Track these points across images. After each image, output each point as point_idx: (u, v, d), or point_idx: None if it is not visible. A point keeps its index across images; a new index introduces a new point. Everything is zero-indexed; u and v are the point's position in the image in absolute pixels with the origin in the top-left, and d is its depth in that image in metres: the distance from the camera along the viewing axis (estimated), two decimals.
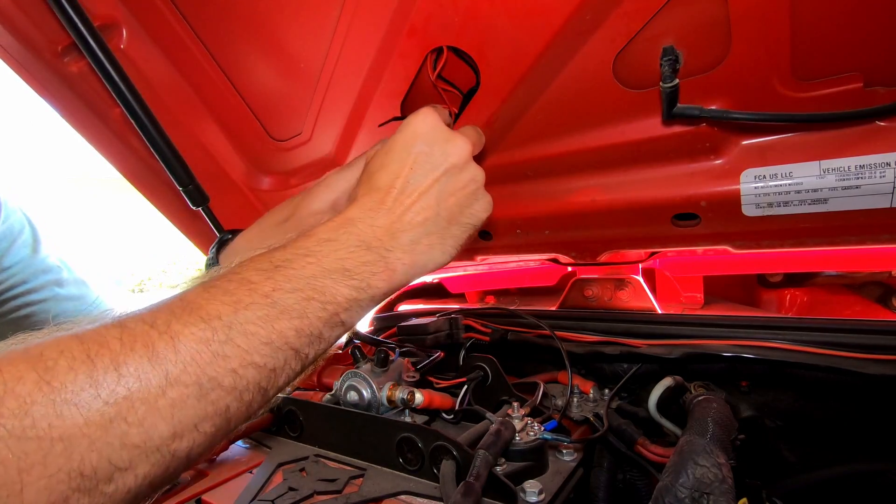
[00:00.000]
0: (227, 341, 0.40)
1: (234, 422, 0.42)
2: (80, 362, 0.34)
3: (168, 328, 0.38)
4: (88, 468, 0.33)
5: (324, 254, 0.49)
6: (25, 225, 0.99)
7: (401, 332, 1.01)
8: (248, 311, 0.42)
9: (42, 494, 0.32)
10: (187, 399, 0.38)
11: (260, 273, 0.45)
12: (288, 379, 0.45)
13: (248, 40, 0.81)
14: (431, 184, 0.57)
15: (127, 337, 0.37)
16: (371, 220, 0.54)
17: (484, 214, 0.62)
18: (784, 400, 0.74)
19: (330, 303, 0.47)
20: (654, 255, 1.04)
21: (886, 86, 0.55)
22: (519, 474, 0.61)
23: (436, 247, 0.57)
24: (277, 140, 0.96)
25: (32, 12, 0.71)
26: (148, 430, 0.36)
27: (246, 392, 0.41)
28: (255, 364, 0.41)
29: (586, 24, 0.59)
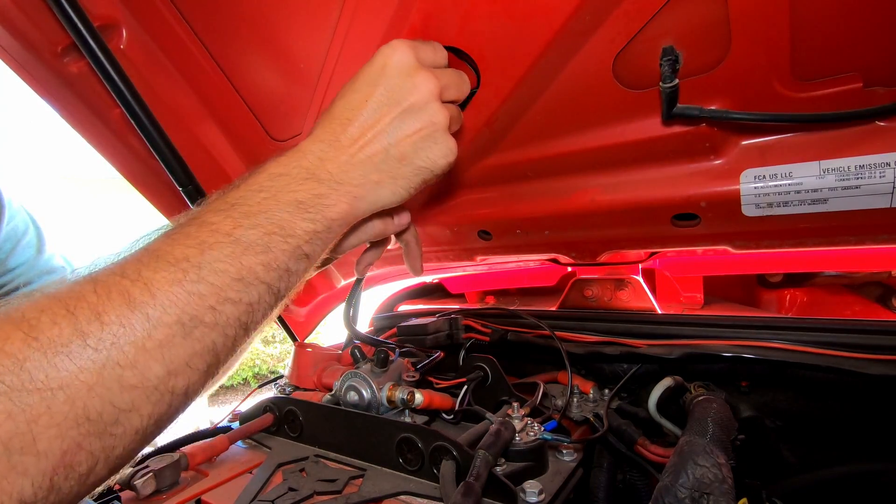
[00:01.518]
0: (199, 280, 0.42)
1: (222, 357, 0.44)
2: (61, 317, 0.36)
3: (139, 276, 0.40)
4: (94, 412, 0.35)
5: (276, 188, 0.50)
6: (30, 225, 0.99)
7: (401, 332, 1.01)
8: (213, 251, 0.43)
9: (55, 442, 0.34)
10: (173, 338, 0.40)
11: (218, 213, 0.46)
12: (265, 313, 0.48)
13: (247, 40, 0.80)
14: (388, 121, 0.55)
15: (101, 289, 0.39)
16: (322, 152, 0.54)
17: (442, 161, 0.59)
18: (784, 400, 0.74)
19: (290, 236, 0.48)
20: (654, 255, 1.04)
21: (886, 86, 0.55)
22: (519, 474, 0.61)
23: (385, 184, 0.57)
24: (277, 140, 0.96)
25: (32, 12, 0.71)
26: (142, 370, 0.38)
27: (228, 327, 0.43)
28: (230, 300, 0.43)
29: (586, 24, 0.59)
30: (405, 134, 0.56)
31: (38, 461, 0.33)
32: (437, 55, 0.61)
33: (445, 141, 0.58)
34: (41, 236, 1.00)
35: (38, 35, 0.73)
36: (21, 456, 0.32)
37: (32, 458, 0.33)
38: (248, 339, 0.47)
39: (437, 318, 1.02)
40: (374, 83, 0.56)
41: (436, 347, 0.96)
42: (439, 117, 0.57)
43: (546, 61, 0.64)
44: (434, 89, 0.57)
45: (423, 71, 0.56)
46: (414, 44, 0.57)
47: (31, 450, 0.33)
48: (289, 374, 1.05)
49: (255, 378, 7.32)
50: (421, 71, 0.56)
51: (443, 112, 0.57)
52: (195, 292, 0.41)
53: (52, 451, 0.33)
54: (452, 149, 0.59)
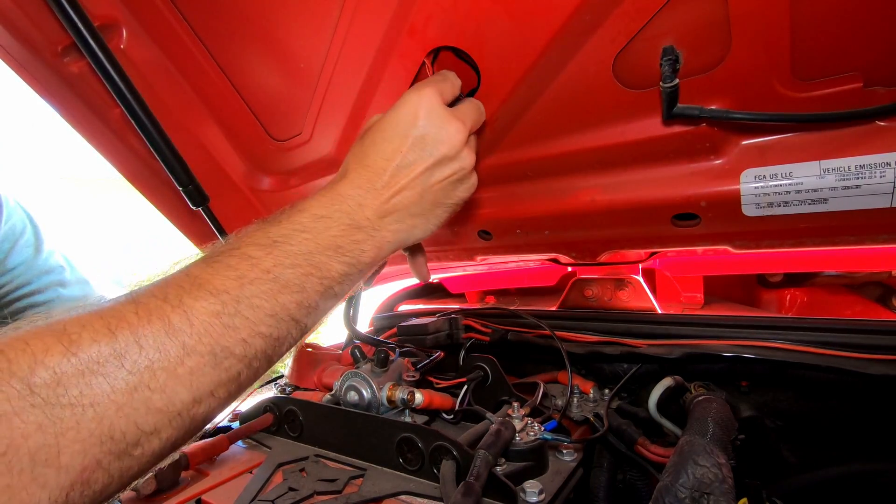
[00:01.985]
0: (237, 314, 0.43)
1: (244, 387, 0.46)
2: (101, 335, 0.37)
3: (180, 302, 0.41)
4: (118, 432, 0.36)
5: (318, 231, 0.52)
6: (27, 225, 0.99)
7: (401, 332, 1.01)
8: (252, 286, 0.45)
9: (77, 457, 0.34)
10: (204, 367, 0.41)
11: (259, 248, 0.48)
12: (289, 346, 0.50)
13: (248, 40, 0.80)
14: (422, 171, 0.58)
15: (143, 311, 0.40)
16: (361, 198, 0.56)
17: (466, 195, 0.64)
18: (784, 400, 0.74)
19: (326, 277, 0.51)
20: (654, 255, 1.04)
21: (886, 86, 0.55)
22: (519, 474, 0.61)
23: (419, 226, 0.61)
24: (277, 140, 0.96)
25: (32, 12, 0.71)
26: (170, 396, 0.39)
27: (255, 360, 0.45)
28: (262, 334, 0.45)
29: (586, 24, 0.59)
30: (437, 180, 0.60)
31: (58, 475, 0.33)
32: (455, 87, 0.64)
33: (470, 178, 0.63)
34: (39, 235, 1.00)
35: (38, 35, 0.73)
36: (44, 468, 0.33)
37: (54, 472, 0.33)
38: (267, 368, 0.48)
39: (437, 317, 1.02)
40: (405, 134, 0.58)
41: (436, 347, 0.96)
42: (468, 162, 0.61)
43: (546, 61, 0.64)
44: (464, 139, 0.60)
45: (454, 122, 0.59)
46: (439, 87, 0.60)
47: (55, 462, 0.33)
48: (289, 373, 1.05)
49: None
50: (452, 122, 0.59)
51: (471, 157, 0.62)
52: (231, 325, 0.43)
53: (73, 466, 0.34)
54: (475, 183, 0.64)
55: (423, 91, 0.59)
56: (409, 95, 0.59)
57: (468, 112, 0.63)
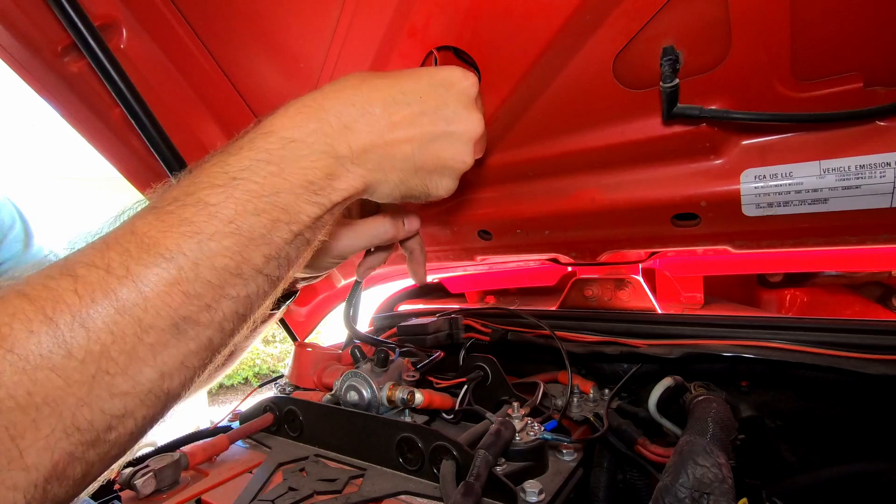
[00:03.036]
0: (196, 279, 0.37)
1: (219, 349, 0.41)
2: (38, 324, 0.32)
3: (127, 271, 0.35)
4: (84, 422, 0.33)
5: (287, 160, 0.43)
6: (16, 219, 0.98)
7: (401, 332, 1.01)
8: (212, 243, 0.38)
9: (44, 455, 0.31)
10: (167, 341, 0.36)
11: (217, 191, 0.40)
12: (261, 301, 0.44)
13: (248, 40, 0.80)
14: (431, 131, 0.52)
15: (83, 288, 0.34)
16: (350, 118, 0.47)
17: (443, 193, 0.57)
18: (784, 400, 0.74)
19: (295, 222, 0.43)
20: (654, 255, 1.04)
21: (886, 86, 0.55)
22: (519, 474, 0.61)
23: (389, 182, 0.52)
24: None
25: (32, 12, 0.71)
26: (134, 376, 0.35)
27: (225, 322, 0.40)
28: (228, 296, 0.39)
29: (586, 24, 0.59)
30: (436, 153, 0.53)
31: (27, 475, 0.31)
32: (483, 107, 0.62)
33: (455, 180, 0.58)
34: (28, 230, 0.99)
35: (38, 35, 0.73)
36: (9, 472, 0.30)
37: (22, 473, 0.31)
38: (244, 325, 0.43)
39: (437, 317, 1.02)
40: (436, 91, 0.53)
41: (436, 347, 0.96)
42: (469, 159, 0.56)
43: (546, 61, 0.64)
44: (479, 133, 0.56)
45: (479, 113, 0.56)
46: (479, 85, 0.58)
47: (19, 464, 0.31)
48: (289, 373, 1.05)
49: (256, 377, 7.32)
50: (478, 111, 0.56)
51: (472, 156, 0.57)
52: (191, 292, 0.37)
53: (41, 463, 0.31)
54: (454, 188, 0.58)
55: (468, 73, 0.55)
56: (453, 68, 0.54)
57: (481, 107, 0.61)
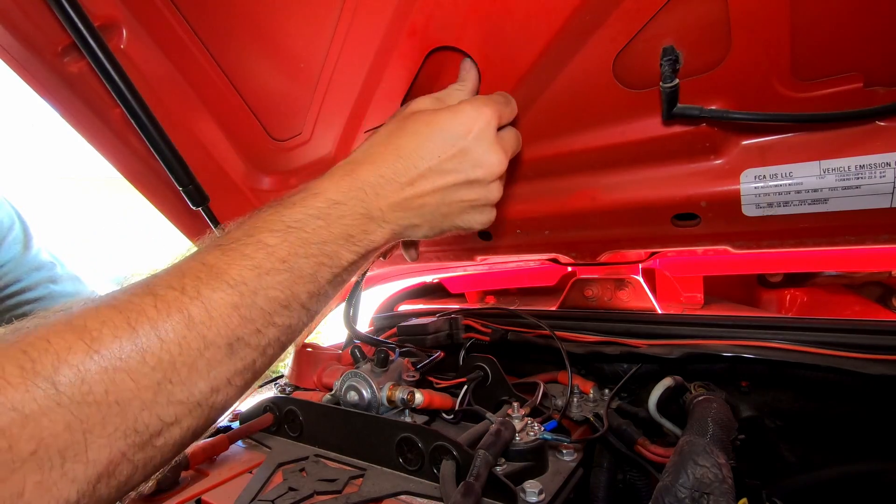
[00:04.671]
0: (253, 305, 0.44)
1: (259, 373, 0.47)
2: (122, 330, 0.37)
3: (198, 294, 0.41)
4: (142, 425, 0.37)
5: (332, 218, 0.52)
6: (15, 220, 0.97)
7: (401, 332, 1.01)
8: (269, 277, 0.45)
9: (103, 451, 0.35)
10: (221, 358, 0.42)
11: (274, 235, 0.48)
12: (299, 332, 0.50)
13: (248, 40, 0.80)
14: (451, 184, 0.58)
15: (161, 304, 0.40)
16: (380, 188, 0.55)
17: (479, 226, 0.63)
18: (784, 400, 0.74)
19: (336, 266, 0.52)
20: (654, 255, 1.04)
21: (886, 86, 0.55)
22: (519, 474, 0.61)
23: (422, 229, 0.60)
24: (277, 140, 0.96)
25: (32, 12, 0.71)
26: (190, 388, 0.40)
27: (268, 347, 0.46)
28: (275, 324, 0.46)
29: (586, 24, 0.59)
30: (460, 199, 0.59)
31: (86, 469, 0.34)
32: (512, 113, 0.64)
33: (490, 213, 0.63)
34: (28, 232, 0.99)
35: (38, 35, 0.73)
36: (73, 464, 0.34)
37: (82, 467, 0.34)
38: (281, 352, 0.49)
39: (437, 317, 1.02)
40: (454, 144, 0.57)
41: (436, 347, 0.96)
42: (495, 195, 0.61)
43: (546, 61, 0.64)
44: (502, 171, 0.60)
45: (499, 151, 0.59)
46: (499, 110, 0.60)
47: (83, 458, 0.34)
48: (289, 373, 1.05)
49: None
50: (498, 151, 0.59)
51: (499, 191, 0.61)
52: (247, 317, 0.43)
53: (100, 459, 0.35)
54: (493, 217, 0.63)
55: (483, 109, 0.58)
56: (469, 107, 0.58)
57: (511, 142, 0.63)
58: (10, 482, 0.31)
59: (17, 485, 0.31)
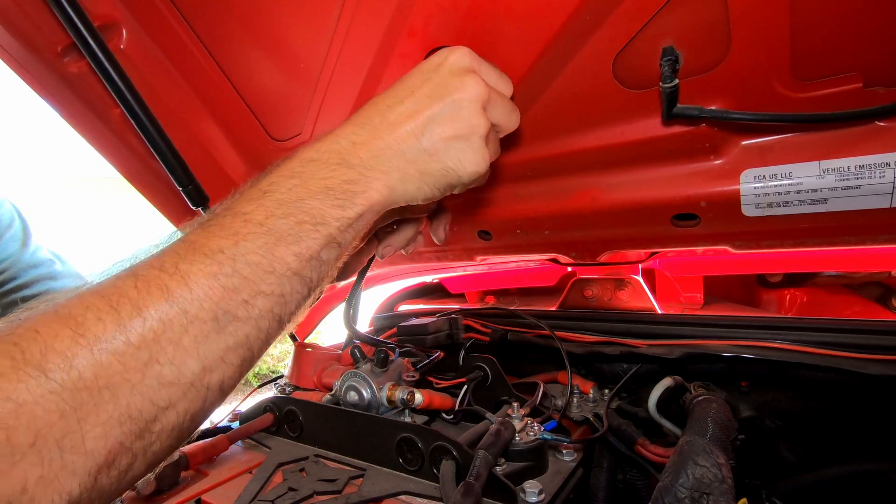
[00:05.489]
0: (234, 274, 0.42)
1: (256, 350, 0.44)
2: (105, 313, 0.37)
3: (177, 269, 0.40)
4: (135, 410, 0.36)
5: (307, 174, 0.49)
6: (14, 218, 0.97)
7: (401, 332, 1.01)
8: (247, 242, 0.43)
9: (100, 441, 0.34)
10: (208, 333, 0.40)
11: (251, 202, 0.46)
12: (298, 304, 0.47)
13: (248, 40, 0.80)
14: (428, 112, 0.53)
15: (141, 283, 0.39)
16: (355, 135, 0.52)
17: (471, 167, 0.55)
18: (784, 400, 0.74)
19: (321, 224, 0.48)
20: (654, 255, 1.04)
21: (886, 86, 0.55)
22: (519, 474, 0.61)
23: (412, 177, 0.54)
24: (277, 140, 0.96)
25: (32, 12, 0.71)
26: (179, 367, 0.38)
27: (261, 320, 0.43)
28: (263, 293, 0.43)
29: (586, 24, 0.59)
30: (440, 128, 0.54)
31: (85, 460, 0.34)
32: (500, 81, 0.60)
33: (479, 149, 0.56)
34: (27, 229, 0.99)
35: (38, 35, 0.73)
36: (72, 455, 0.33)
37: (81, 458, 0.33)
38: (282, 331, 0.47)
39: (437, 317, 1.02)
40: (426, 78, 0.55)
41: (436, 347, 0.96)
42: (478, 121, 0.55)
43: (546, 61, 0.64)
44: (482, 94, 0.55)
45: (475, 75, 0.55)
46: (478, 57, 0.57)
47: (81, 449, 0.33)
48: (289, 373, 1.05)
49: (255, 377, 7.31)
50: (473, 74, 0.55)
51: (483, 118, 0.55)
52: (229, 286, 0.41)
53: (98, 450, 0.34)
54: (485, 158, 0.56)
55: (458, 47, 0.56)
56: (442, 50, 0.56)
57: (489, 73, 0.59)
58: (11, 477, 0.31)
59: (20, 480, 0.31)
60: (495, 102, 0.57)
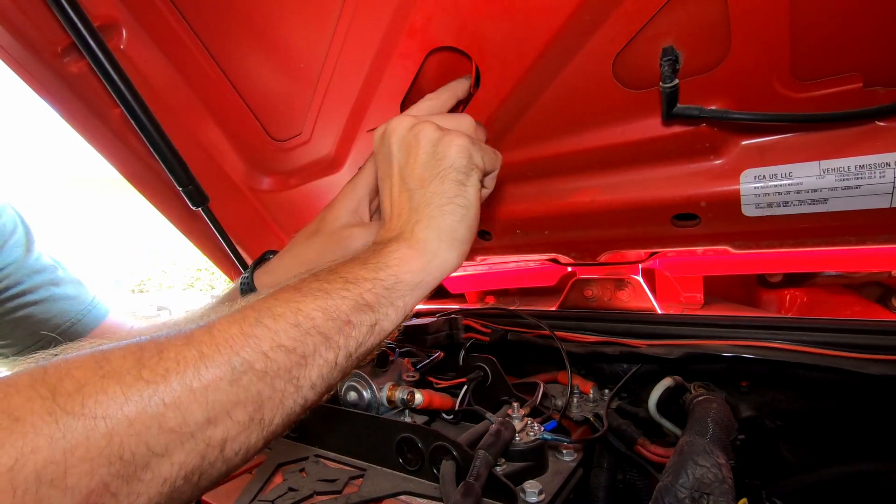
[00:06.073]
0: (257, 323, 0.41)
1: (266, 413, 0.41)
2: (131, 352, 0.37)
3: (207, 324, 0.41)
4: (127, 452, 0.34)
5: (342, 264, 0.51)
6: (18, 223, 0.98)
7: (400, 332, 1.00)
8: (275, 299, 0.44)
9: (84, 479, 0.32)
10: (220, 382, 0.38)
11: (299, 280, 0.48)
12: (320, 370, 0.45)
13: (248, 40, 0.80)
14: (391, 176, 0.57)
15: (173, 331, 0.40)
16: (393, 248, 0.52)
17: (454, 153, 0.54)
18: (784, 400, 0.74)
19: (352, 283, 0.47)
20: (654, 255, 1.04)
21: (886, 86, 0.55)
22: (519, 474, 0.61)
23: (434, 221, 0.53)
24: (277, 140, 0.96)
25: (32, 12, 0.71)
26: (183, 413, 0.36)
27: (277, 379, 0.41)
28: (283, 347, 0.41)
29: (586, 24, 0.59)
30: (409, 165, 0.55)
31: (63, 497, 0.31)
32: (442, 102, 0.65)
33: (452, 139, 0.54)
34: (30, 235, 0.99)
35: (38, 35, 0.73)
36: (49, 489, 0.30)
37: (59, 494, 0.31)
38: (297, 398, 0.44)
39: (437, 318, 1.02)
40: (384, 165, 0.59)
41: (436, 347, 0.96)
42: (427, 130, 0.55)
43: (546, 61, 0.64)
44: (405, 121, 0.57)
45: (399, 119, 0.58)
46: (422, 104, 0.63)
47: (60, 483, 0.31)
48: None
49: None
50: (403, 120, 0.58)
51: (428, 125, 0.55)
52: (250, 334, 0.41)
53: (79, 488, 0.32)
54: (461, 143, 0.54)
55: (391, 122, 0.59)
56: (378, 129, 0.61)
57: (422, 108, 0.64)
58: None
59: None
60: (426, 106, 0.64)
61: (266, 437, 0.42)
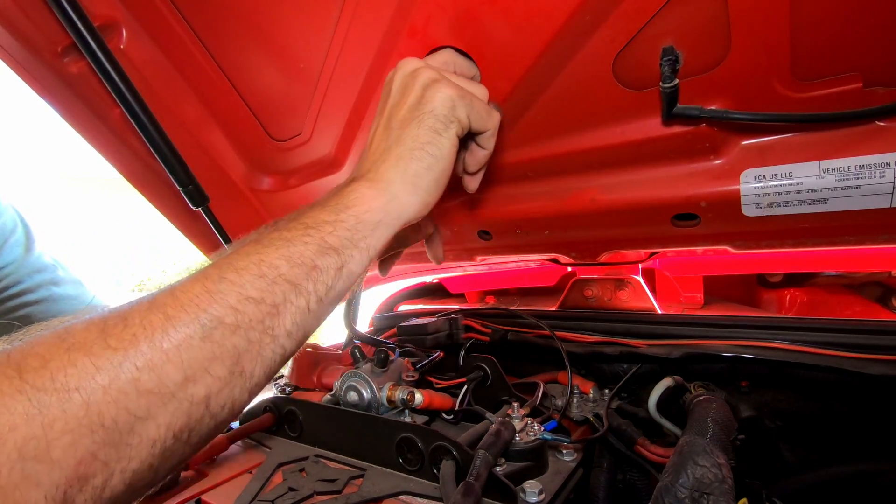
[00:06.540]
0: (220, 279, 0.41)
1: (246, 364, 0.41)
2: (94, 323, 0.37)
3: (168, 287, 0.41)
4: (108, 418, 0.34)
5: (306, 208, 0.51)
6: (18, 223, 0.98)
7: (401, 332, 1.01)
8: (236, 254, 0.43)
9: (69, 450, 0.32)
10: (191, 340, 0.38)
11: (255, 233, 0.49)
12: (293, 318, 0.44)
13: (248, 40, 0.80)
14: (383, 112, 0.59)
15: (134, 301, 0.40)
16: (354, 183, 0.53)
17: (438, 100, 0.54)
18: (784, 400, 0.74)
19: (312, 228, 0.46)
20: (654, 255, 1.04)
21: (886, 86, 0.55)
22: (519, 474, 0.61)
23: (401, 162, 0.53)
24: (277, 140, 0.96)
25: (32, 12, 0.71)
26: (159, 374, 0.36)
27: (251, 330, 0.41)
28: (251, 298, 0.41)
29: (586, 25, 0.59)
30: (397, 106, 0.57)
31: (51, 471, 0.31)
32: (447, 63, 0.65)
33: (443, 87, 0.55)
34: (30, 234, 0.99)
35: (38, 35, 0.73)
36: (35, 464, 0.30)
37: (46, 468, 0.31)
38: (275, 347, 0.43)
39: (437, 318, 1.02)
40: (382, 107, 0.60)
41: (436, 347, 0.96)
42: (423, 73, 0.56)
43: (546, 61, 0.64)
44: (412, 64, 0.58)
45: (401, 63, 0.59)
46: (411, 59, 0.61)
47: (45, 457, 0.31)
48: (289, 373, 1.05)
49: None
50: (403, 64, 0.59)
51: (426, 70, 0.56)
52: (214, 290, 0.40)
53: (65, 460, 0.32)
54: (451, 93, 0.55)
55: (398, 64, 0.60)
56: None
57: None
58: None
59: None
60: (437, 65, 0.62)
61: (251, 390, 0.42)
